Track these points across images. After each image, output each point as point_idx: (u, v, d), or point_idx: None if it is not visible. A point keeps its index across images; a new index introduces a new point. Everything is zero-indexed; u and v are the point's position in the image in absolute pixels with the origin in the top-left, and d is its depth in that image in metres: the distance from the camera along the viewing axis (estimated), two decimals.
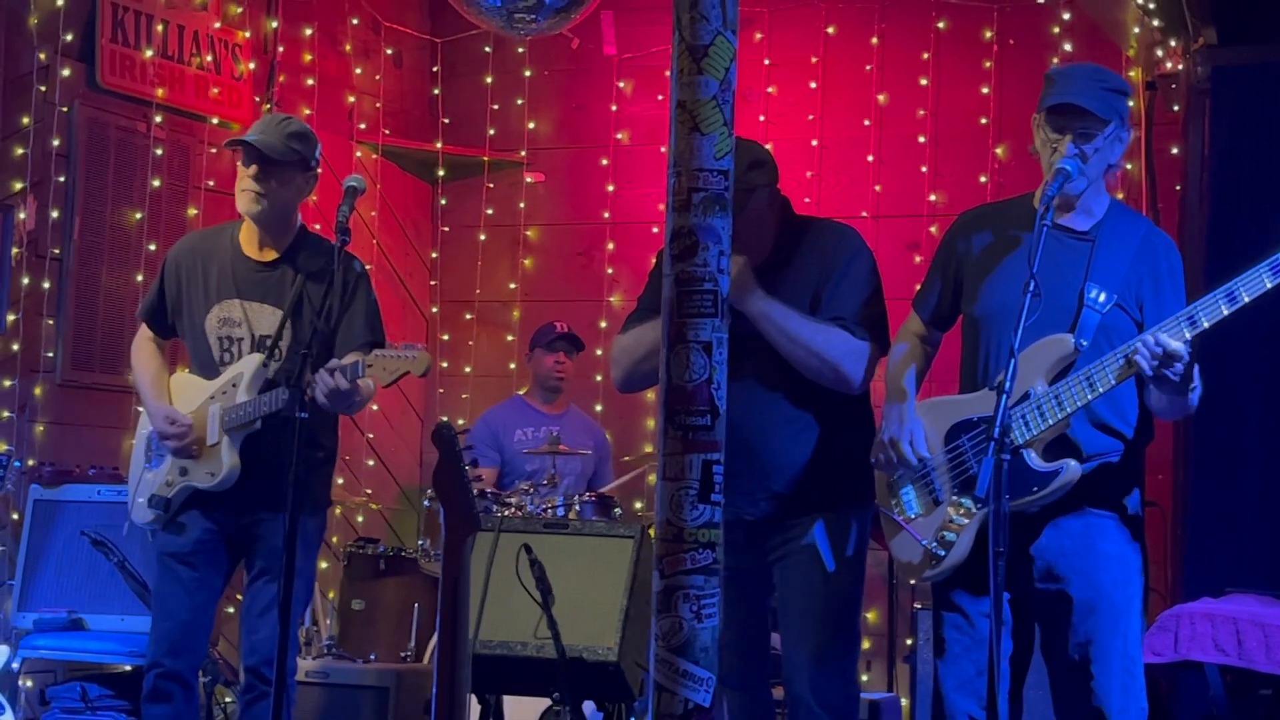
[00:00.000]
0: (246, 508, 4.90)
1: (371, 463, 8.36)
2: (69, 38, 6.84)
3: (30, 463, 6.62)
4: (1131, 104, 4.14)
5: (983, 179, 7.73)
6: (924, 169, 7.91)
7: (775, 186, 4.41)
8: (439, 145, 8.69)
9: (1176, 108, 7.19)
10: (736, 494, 4.16)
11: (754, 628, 4.48)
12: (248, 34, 7.67)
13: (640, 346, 4.39)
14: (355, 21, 8.38)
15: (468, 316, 8.71)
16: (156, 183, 7.17)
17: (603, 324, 8.25)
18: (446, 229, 8.89)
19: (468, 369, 8.68)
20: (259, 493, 4.84)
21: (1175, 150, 7.17)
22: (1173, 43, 7.14)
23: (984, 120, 7.80)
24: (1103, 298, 3.96)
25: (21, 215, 6.72)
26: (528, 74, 8.63)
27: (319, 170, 4.99)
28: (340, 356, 4.74)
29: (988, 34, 7.83)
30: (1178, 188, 7.14)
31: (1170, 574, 6.81)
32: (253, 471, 4.86)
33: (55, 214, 6.81)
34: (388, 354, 4.62)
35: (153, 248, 6.97)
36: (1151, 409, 4.07)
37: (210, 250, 5.01)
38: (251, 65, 7.68)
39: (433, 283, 8.86)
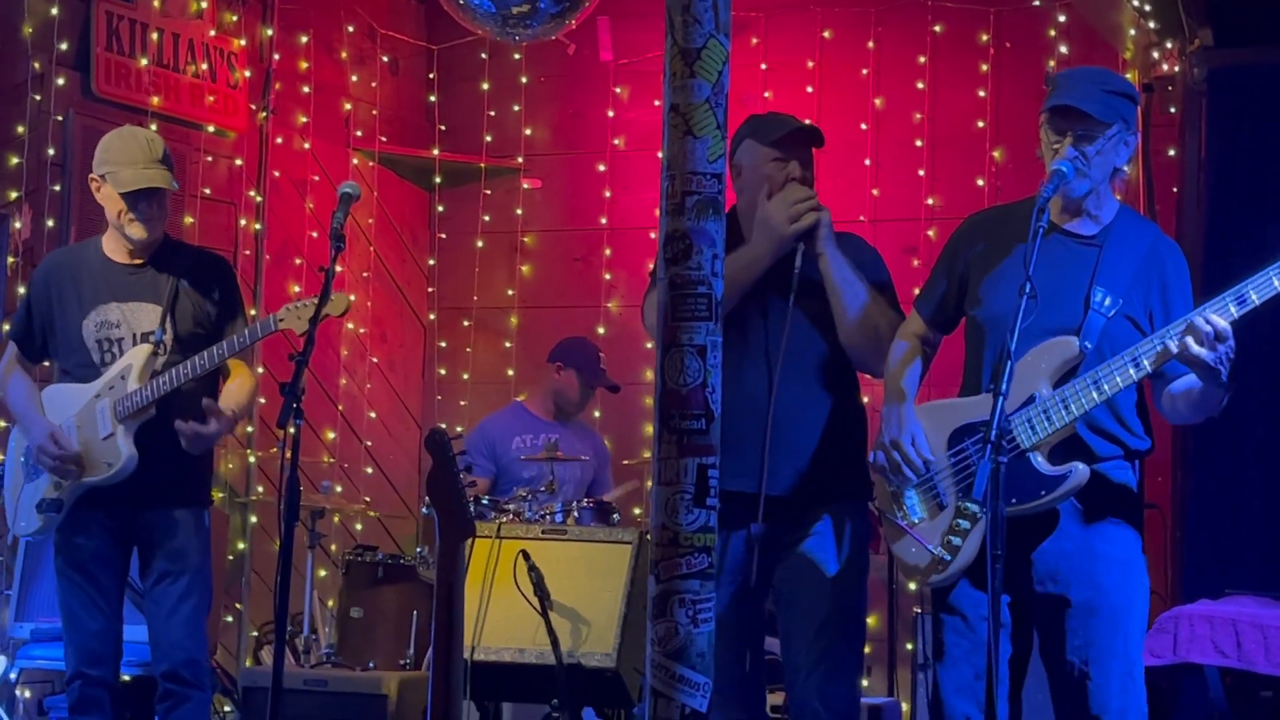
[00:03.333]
0: (142, 504, 4.95)
1: (370, 470, 8.35)
2: (64, 46, 6.84)
3: None
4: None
5: (980, 182, 7.72)
6: (921, 172, 7.91)
7: None
8: (436, 152, 8.69)
9: (1173, 110, 7.18)
10: (758, 469, 4.16)
11: (750, 631, 4.46)
12: (243, 42, 7.66)
13: None
14: (351, 29, 8.37)
15: (465, 323, 8.70)
16: None
17: (600, 330, 8.23)
18: (444, 236, 8.88)
19: (466, 376, 8.67)
20: (155, 487, 4.91)
21: (1172, 152, 7.17)
22: (1169, 45, 7.13)
23: (981, 123, 7.80)
24: (1108, 302, 3.95)
25: (17, 224, 6.72)
26: (524, 80, 8.63)
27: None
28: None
29: (984, 37, 7.83)
30: (1175, 190, 7.13)
31: (1169, 576, 6.80)
32: (147, 464, 4.91)
33: (51, 223, 6.80)
34: (302, 302, 4.78)
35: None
36: (1165, 412, 4.05)
37: (77, 263, 5.12)
38: (247, 73, 7.68)
39: (430, 290, 8.85)
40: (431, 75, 8.82)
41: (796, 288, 4.27)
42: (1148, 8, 7.03)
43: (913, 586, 6.70)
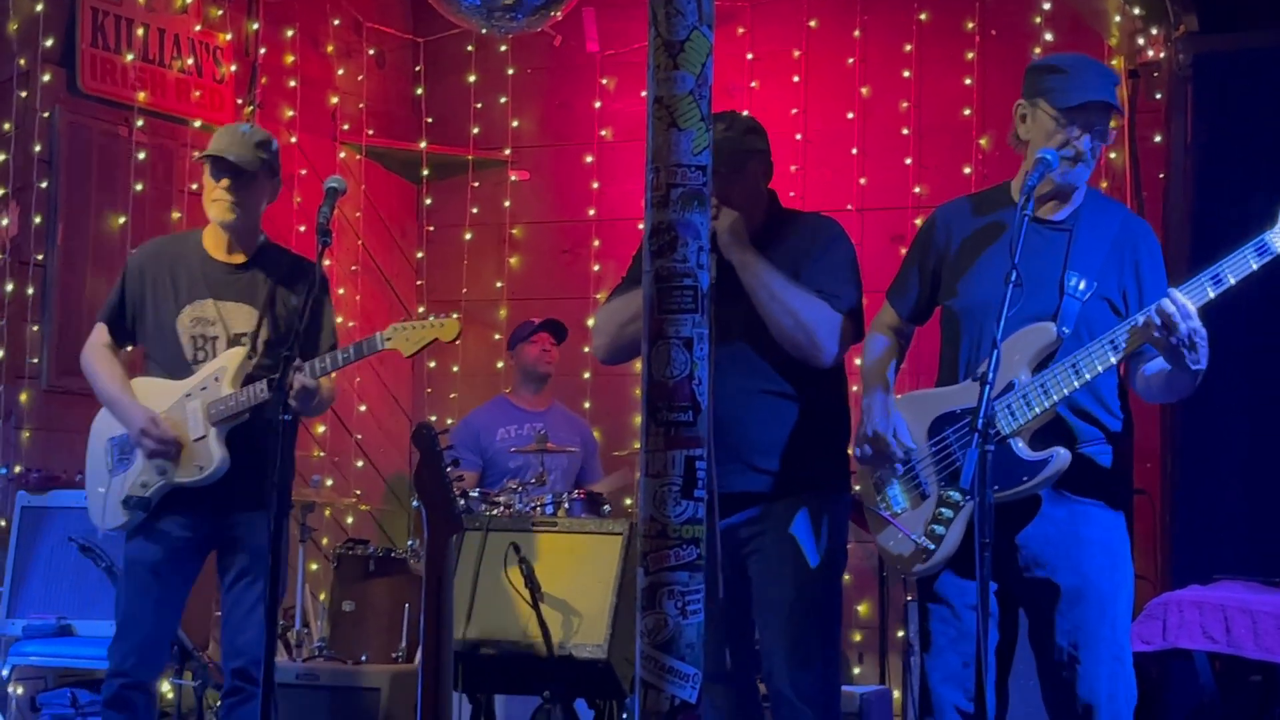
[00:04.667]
0: (226, 507, 4.91)
1: (360, 464, 8.35)
2: (49, 43, 6.82)
3: (17, 469, 6.61)
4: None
5: (967, 170, 7.73)
6: (908, 161, 7.92)
7: (769, 158, 4.49)
8: (423, 145, 8.68)
9: (1159, 96, 7.19)
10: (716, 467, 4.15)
11: (736, 622, 4.47)
12: (229, 36, 7.65)
13: (626, 309, 4.35)
14: (337, 22, 8.37)
15: (454, 316, 8.68)
16: (139, 187, 7.16)
17: (590, 321, 8.23)
18: (432, 228, 8.88)
19: (455, 368, 8.67)
20: (240, 491, 4.85)
21: (1158, 138, 7.18)
22: (1154, 31, 7.14)
23: (967, 111, 7.80)
24: (1082, 285, 3.96)
25: (4, 221, 6.71)
26: (511, 72, 8.63)
27: (280, 176, 5.09)
28: (310, 357, 4.82)
29: (969, 25, 7.84)
30: (1161, 175, 7.14)
31: (1159, 562, 6.82)
32: (235, 468, 4.88)
33: (38, 220, 6.80)
34: (410, 324, 4.70)
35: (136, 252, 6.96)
36: (1140, 392, 4.07)
37: (176, 255, 5.07)
38: (233, 68, 7.67)
39: (419, 282, 8.85)
40: (418, 68, 8.81)
41: (715, 297, 4.20)
42: None
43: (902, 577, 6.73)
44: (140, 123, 7.17)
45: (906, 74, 7.94)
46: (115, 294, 5.14)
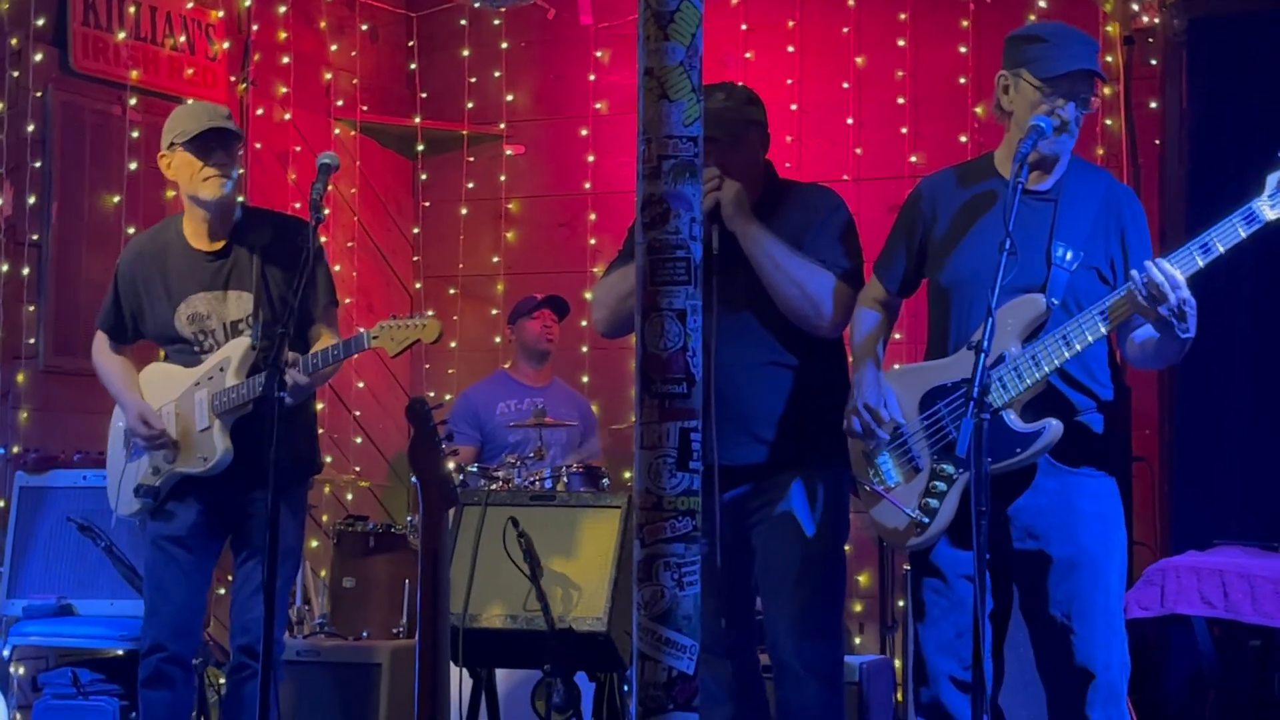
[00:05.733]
0: (238, 487, 4.93)
1: (359, 440, 8.35)
2: (40, 22, 6.80)
3: (15, 450, 6.61)
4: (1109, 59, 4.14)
5: (963, 139, 7.70)
6: (904, 130, 7.89)
7: (767, 129, 4.50)
8: (418, 120, 8.66)
9: (1154, 62, 7.17)
10: (717, 440, 4.16)
11: (738, 594, 4.48)
12: (221, 13, 7.62)
13: (624, 282, 4.37)
14: None
15: (451, 291, 8.69)
16: (133, 165, 7.14)
17: (587, 295, 8.20)
18: (427, 204, 8.86)
19: (453, 344, 8.66)
20: (250, 472, 4.85)
21: (1154, 104, 7.16)
22: None
23: (963, 80, 7.77)
24: (1070, 255, 3.96)
25: None
26: (505, 46, 8.60)
27: None
28: (308, 320, 4.87)
29: None
30: (1157, 142, 7.13)
31: (1157, 528, 6.82)
32: (243, 453, 4.90)
33: (32, 200, 6.78)
34: (395, 323, 4.71)
35: (132, 230, 6.93)
36: (1131, 359, 4.07)
37: (160, 251, 5.08)
38: (226, 45, 7.64)
39: (415, 259, 8.83)
40: (411, 43, 8.78)
41: (718, 269, 4.23)
42: None
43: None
44: (134, 101, 7.15)
45: (901, 43, 7.90)
46: (109, 301, 5.18)
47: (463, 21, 8.59)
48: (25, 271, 6.73)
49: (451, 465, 4.03)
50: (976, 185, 4.12)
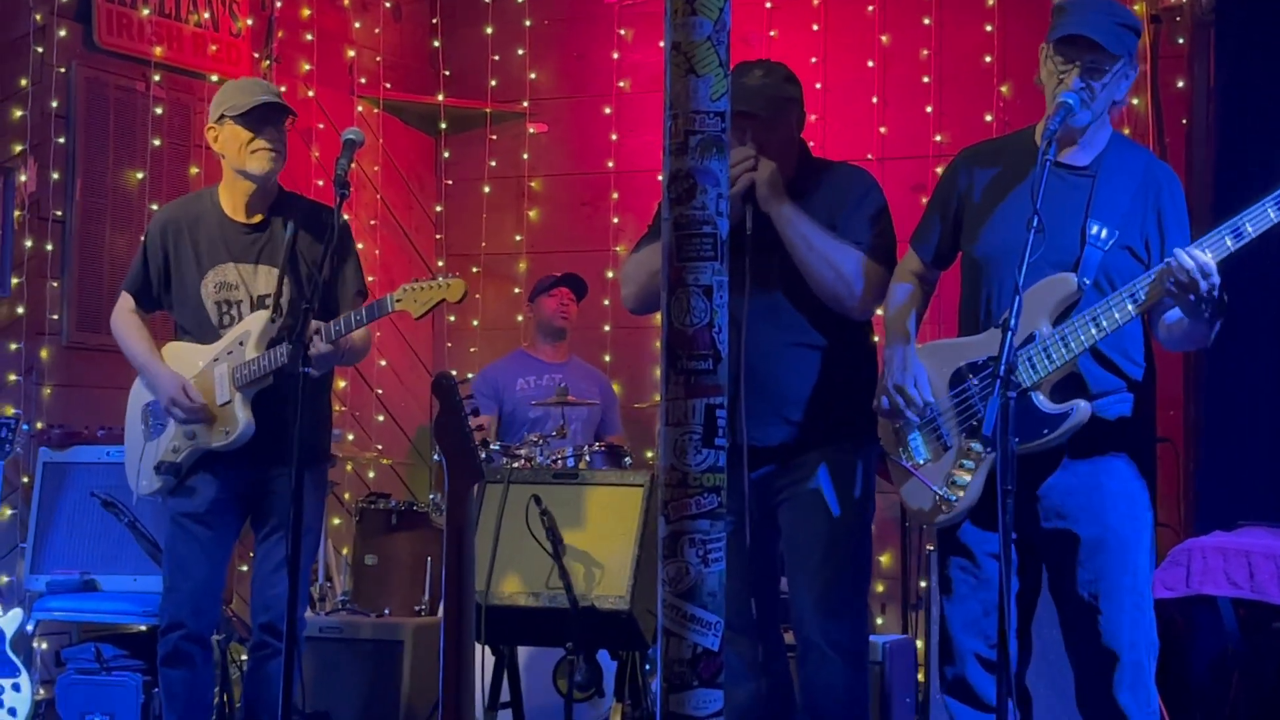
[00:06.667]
0: (259, 463, 4.93)
1: (381, 418, 8.36)
2: None
3: (39, 426, 6.63)
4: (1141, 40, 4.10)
5: (988, 118, 7.67)
6: (929, 109, 7.86)
7: (803, 107, 4.50)
8: (440, 98, 8.65)
9: (1181, 40, 7.13)
10: (747, 419, 4.17)
11: (762, 572, 4.47)
12: None
13: (654, 259, 4.33)
14: None
15: (474, 270, 8.68)
16: (157, 142, 7.15)
17: (609, 274, 8.21)
18: (450, 182, 8.86)
19: (475, 322, 8.66)
20: (271, 448, 4.85)
21: (1181, 84, 7.11)
22: None
23: (988, 58, 7.74)
24: (1104, 234, 3.92)
25: (22, 178, 6.70)
26: (528, 24, 8.58)
27: None
28: (335, 307, 4.84)
29: None
30: (1184, 121, 7.09)
31: (1182, 509, 6.80)
32: (264, 427, 4.90)
33: (56, 176, 6.79)
34: (418, 285, 4.70)
35: (155, 207, 6.94)
36: (1161, 340, 4.04)
37: (193, 218, 5.05)
38: (249, 21, 7.64)
39: (438, 237, 8.83)
40: (435, 20, 8.77)
41: (751, 249, 4.23)
42: None
43: (924, 527, 6.72)
44: (157, 77, 7.15)
45: (927, 21, 7.87)
46: (138, 263, 5.14)
47: None
48: (49, 247, 6.75)
49: (477, 440, 4.03)
50: (1014, 158, 4.09)
